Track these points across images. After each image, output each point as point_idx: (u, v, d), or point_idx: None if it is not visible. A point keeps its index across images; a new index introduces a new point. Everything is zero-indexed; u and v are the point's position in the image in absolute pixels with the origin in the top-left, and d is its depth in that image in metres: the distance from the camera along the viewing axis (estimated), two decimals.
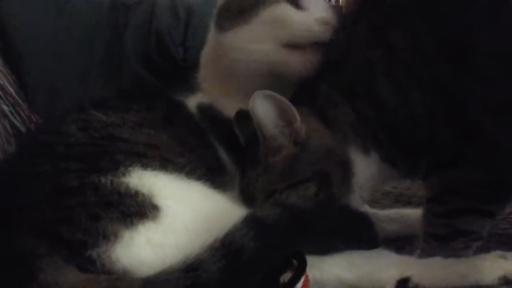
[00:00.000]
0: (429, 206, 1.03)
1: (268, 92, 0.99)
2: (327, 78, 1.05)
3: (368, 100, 1.00)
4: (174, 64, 1.39)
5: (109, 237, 0.83)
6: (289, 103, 1.00)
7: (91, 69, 1.43)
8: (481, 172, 0.96)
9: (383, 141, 1.00)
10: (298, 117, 1.01)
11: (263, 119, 1.00)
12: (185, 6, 1.42)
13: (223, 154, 1.10)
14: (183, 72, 1.38)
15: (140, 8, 1.45)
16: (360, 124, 1.01)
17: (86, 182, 0.88)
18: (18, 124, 1.26)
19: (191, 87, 1.19)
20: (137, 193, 0.88)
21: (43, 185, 0.89)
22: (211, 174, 1.01)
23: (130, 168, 0.91)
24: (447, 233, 1.00)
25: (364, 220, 1.05)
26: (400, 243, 1.09)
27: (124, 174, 0.90)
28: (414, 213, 1.21)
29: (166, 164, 0.96)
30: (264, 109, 0.99)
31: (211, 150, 1.09)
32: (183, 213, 0.89)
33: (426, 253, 0.99)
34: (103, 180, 0.88)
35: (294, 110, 1.00)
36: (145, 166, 0.93)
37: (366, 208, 1.21)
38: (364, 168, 1.03)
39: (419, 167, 1.02)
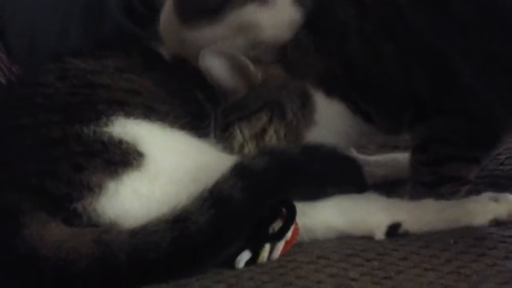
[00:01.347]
0: (415, 156, 1.04)
1: (215, 48, 1.02)
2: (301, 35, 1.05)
3: (339, 59, 1.01)
4: (155, 11, 1.36)
5: (93, 189, 0.82)
6: (239, 55, 1.02)
7: (72, 18, 1.40)
8: (461, 121, 0.97)
9: (354, 98, 1.02)
10: (250, 66, 1.03)
11: (215, 75, 1.03)
12: None
13: (203, 101, 1.07)
14: None
15: None
16: (328, 77, 1.02)
17: (68, 133, 0.86)
18: None
19: None
20: (120, 141, 0.86)
21: (25, 138, 0.88)
22: (195, 122, 0.99)
23: (113, 118, 0.89)
24: (433, 179, 1.00)
25: (352, 164, 1.04)
26: (390, 187, 1.09)
27: (106, 124, 0.88)
28: (401, 157, 1.21)
29: (149, 112, 0.94)
30: (214, 65, 1.02)
31: (192, 95, 1.07)
32: (168, 161, 0.88)
33: (415, 197, 0.99)
34: (85, 130, 0.86)
35: (244, 60, 1.02)
36: (128, 114, 0.91)
37: (354, 153, 1.20)
38: (327, 106, 1.04)
39: (402, 121, 1.02)
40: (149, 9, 1.35)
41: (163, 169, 0.87)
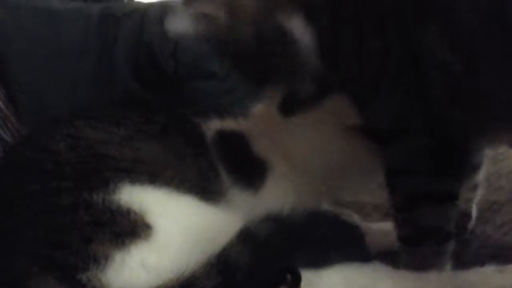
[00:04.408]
0: (389, 201, 1.01)
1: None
2: None
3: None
4: (164, 76, 1.38)
5: (100, 260, 0.82)
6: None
7: (81, 82, 1.42)
8: (427, 138, 0.93)
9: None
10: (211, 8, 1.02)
11: (183, 33, 1.09)
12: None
13: (222, 172, 1.08)
14: (174, 84, 1.38)
15: (130, 20, 1.44)
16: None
17: (78, 200, 0.87)
18: (7, 138, 1.24)
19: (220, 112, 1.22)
20: (129, 211, 0.87)
21: (35, 205, 0.89)
22: (203, 184, 1.00)
23: (120, 184, 0.90)
24: (412, 233, 0.97)
25: (355, 231, 1.05)
26: (395, 256, 1.08)
27: (114, 191, 0.89)
28: None
29: (154, 178, 0.95)
30: (178, 26, 1.08)
31: (208, 162, 1.08)
32: (176, 231, 0.89)
33: (407, 264, 0.97)
34: (95, 197, 0.87)
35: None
36: (133, 181, 0.92)
37: (357, 221, 1.21)
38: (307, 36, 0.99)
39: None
40: (159, 74, 1.38)
41: (171, 240, 0.87)
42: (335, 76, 0.99)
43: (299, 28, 0.98)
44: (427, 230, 0.96)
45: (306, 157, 1.14)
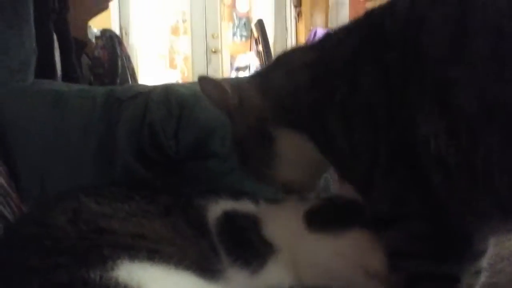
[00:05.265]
0: (390, 279, 0.98)
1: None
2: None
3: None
4: (166, 156, 1.40)
5: None
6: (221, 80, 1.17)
7: (83, 162, 1.44)
8: (426, 224, 0.92)
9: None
10: (225, 86, 1.13)
11: (207, 94, 1.18)
12: (178, 100, 1.44)
13: (222, 253, 1.08)
14: (176, 164, 1.40)
15: (134, 103, 1.47)
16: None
17: (75, 277, 0.86)
18: (7, 215, 1.24)
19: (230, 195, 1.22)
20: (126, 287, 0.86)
21: (33, 281, 0.88)
22: (202, 262, 1.00)
23: (118, 261, 0.90)
24: None
25: None
26: None
27: (112, 268, 0.88)
28: None
29: (153, 254, 0.94)
30: (206, 87, 1.17)
31: (208, 240, 1.08)
32: None
33: None
34: (92, 275, 0.86)
35: (220, 80, 1.16)
36: (132, 258, 0.92)
37: None
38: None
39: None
40: (161, 155, 1.40)
41: None
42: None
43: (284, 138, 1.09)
44: None
45: (312, 266, 1.13)
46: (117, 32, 4.51)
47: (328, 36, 1.08)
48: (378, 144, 0.93)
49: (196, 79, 1.18)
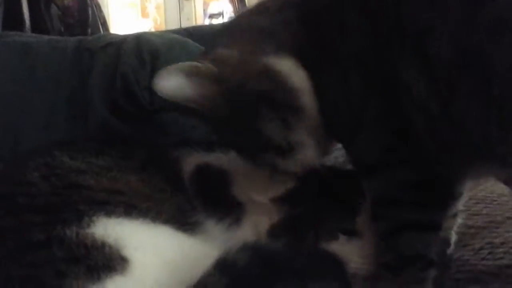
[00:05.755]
0: (372, 227, 1.01)
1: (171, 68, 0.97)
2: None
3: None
4: (140, 107, 1.38)
5: None
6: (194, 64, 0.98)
7: (56, 114, 1.41)
8: (412, 171, 0.93)
9: None
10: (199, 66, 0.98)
11: (177, 94, 0.98)
12: (151, 50, 1.42)
13: (198, 206, 1.08)
14: (150, 116, 1.38)
15: (105, 53, 1.44)
16: None
17: (51, 235, 0.85)
18: None
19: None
20: (103, 244, 0.86)
21: (7, 240, 0.87)
22: (179, 216, 1.00)
23: (94, 218, 0.90)
24: (394, 260, 0.97)
25: (335, 260, 1.04)
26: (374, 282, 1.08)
27: (89, 225, 0.88)
28: None
29: (130, 210, 0.94)
30: (170, 84, 0.96)
31: (184, 193, 1.08)
32: (152, 263, 0.87)
33: None
34: (68, 232, 0.86)
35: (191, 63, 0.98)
36: (109, 214, 0.91)
37: None
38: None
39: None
40: (135, 106, 1.38)
41: (148, 273, 0.86)
42: (324, 116, 1.00)
43: (289, 70, 0.99)
44: (410, 258, 0.96)
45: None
46: None
47: None
48: (369, 90, 0.93)
49: (169, 28, 1.14)
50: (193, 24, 5.65)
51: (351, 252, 1.06)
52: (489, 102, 0.81)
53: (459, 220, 1.09)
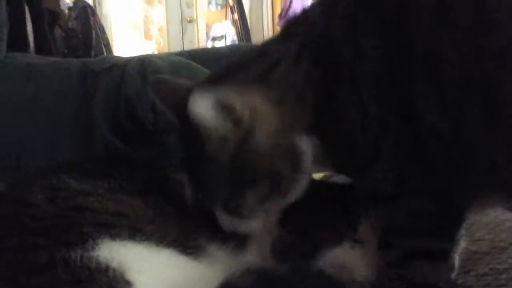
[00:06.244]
0: (382, 256, 1.00)
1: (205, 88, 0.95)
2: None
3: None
4: (143, 129, 1.38)
5: None
6: (228, 91, 0.94)
7: (60, 137, 1.42)
8: (425, 200, 0.93)
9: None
10: (239, 103, 0.93)
11: (202, 118, 0.93)
12: (155, 72, 1.42)
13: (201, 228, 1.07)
14: (153, 138, 1.38)
15: (109, 74, 1.45)
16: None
17: (55, 257, 0.85)
18: None
19: None
20: (107, 268, 0.86)
21: (11, 262, 0.87)
22: (183, 239, 0.99)
23: (99, 240, 0.89)
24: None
25: (338, 285, 1.04)
26: None
27: (93, 248, 0.88)
28: None
29: (134, 233, 0.94)
30: (201, 107, 0.92)
31: (188, 216, 1.07)
32: (156, 287, 0.87)
33: None
34: (72, 255, 0.85)
35: (228, 96, 0.93)
36: (113, 237, 0.91)
37: None
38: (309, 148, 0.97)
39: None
40: (138, 128, 1.38)
41: None
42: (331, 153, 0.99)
43: (304, 143, 0.97)
44: (420, 286, 0.96)
45: None
46: (90, 2, 4.45)
47: (312, 9, 1.04)
48: (387, 120, 0.92)
49: (172, 50, 1.14)
50: (196, 46, 5.69)
51: (355, 259, 1.05)
52: (497, 128, 0.82)
53: (462, 244, 1.09)
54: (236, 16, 5.03)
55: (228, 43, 5.95)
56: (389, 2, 0.93)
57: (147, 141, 1.40)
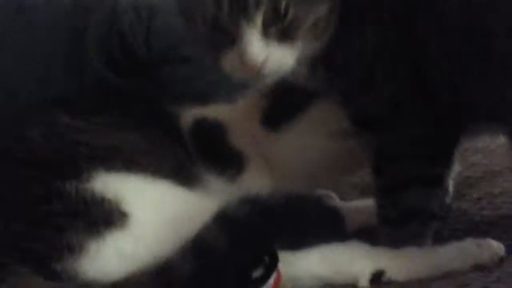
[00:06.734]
0: (375, 182, 1.01)
1: None
2: None
3: None
4: (137, 62, 1.37)
5: (74, 250, 0.81)
6: None
7: (52, 69, 1.40)
8: (420, 125, 0.94)
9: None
10: None
11: None
12: (148, 5, 1.40)
13: (198, 160, 1.08)
14: (148, 70, 1.37)
15: (101, 8, 1.43)
16: None
17: (50, 190, 0.85)
18: None
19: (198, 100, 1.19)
20: (103, 199, 0.86)
21: (6, 194, 0.87)
22: (179, 170, 1.00)
23: (93, 173, 0.89)
24: (397, 215, 0.98)
25: (334, 214, 1.05)
26: (372, 234, 1.09)
27: (88, 180, 0.88)
28: None
29: (130, 165, 0.94)
30: None
31: (183, 147, 1.08)
32: (152, 218, 0.88)
33: (386, 243, 0.97)
34: (68, 186, 0.86)
35: None
36: (108, 169, 0.91)
37: (336, 201, 1.21)
38: None
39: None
40: (133, 60, 1.37)
41: (148, 228, 0.86)
42: (328, 73, 0.98)
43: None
44: (414, 212, 0.97)
45: (285, 162, 1.14)
46: None
47: None
48: (385, 42, 0.92)
49: None
50: None
51: None
52: (490, 60, 0.84)
53: (457, 169, 1.09)
54: None
55: None
56: None
57: (140, 73, 1.39)
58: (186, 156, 1.07)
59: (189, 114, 1.15)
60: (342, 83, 0.98)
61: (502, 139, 1.08)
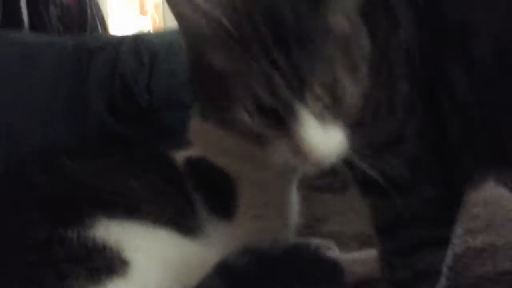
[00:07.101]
0: (384, 246, 0.98)
1: None
2: None
3: None
4: (139, 108, 1.38)
5: None
6: None
7: (54, 114, 1.41)
8: (437, 188, 0.92)
9: None
10: None
11: None
12: (149, 50, 1.42)
13: (198, 202, 1.07)
14: (148, 116, 1.38)
15: (103, 52, 1.44)
16: None
17: (53, 235, 0.86)
18: None
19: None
20: (104, 246, 0.86)
21: (8, 238, 0.87)
22: (180, 218, 0.99)
23: (96, 219, 0.90)
24: (409, 277, 0.96)
25: (334, 266, 1.04)
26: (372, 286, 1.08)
27: (90, 226, 0.88)
28: None
29: (132, 212, 0.94)
30: None
31: (184, 196, 1.07)
32: (153, 266, 0.88)
33: None
34: (69, 233, 0.86)
35: None
36: (110, 215, 0.91)
37: (336, 252, 1.20)
38: None
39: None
40: (134, 106, 1.38)
41: (149, 276, 0.86)
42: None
43: None
44: (424, 274, 0.96)
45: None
46: None
47: None
48: (415, 96, 0.87)
49: (167, 26, 1.13)
50: None
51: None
52: None
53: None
54: None
55: None
56: None
57: (142, 119, 1.39)
58: (186, 203, 1.07)
59: (181, 156, 1.15)
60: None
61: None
